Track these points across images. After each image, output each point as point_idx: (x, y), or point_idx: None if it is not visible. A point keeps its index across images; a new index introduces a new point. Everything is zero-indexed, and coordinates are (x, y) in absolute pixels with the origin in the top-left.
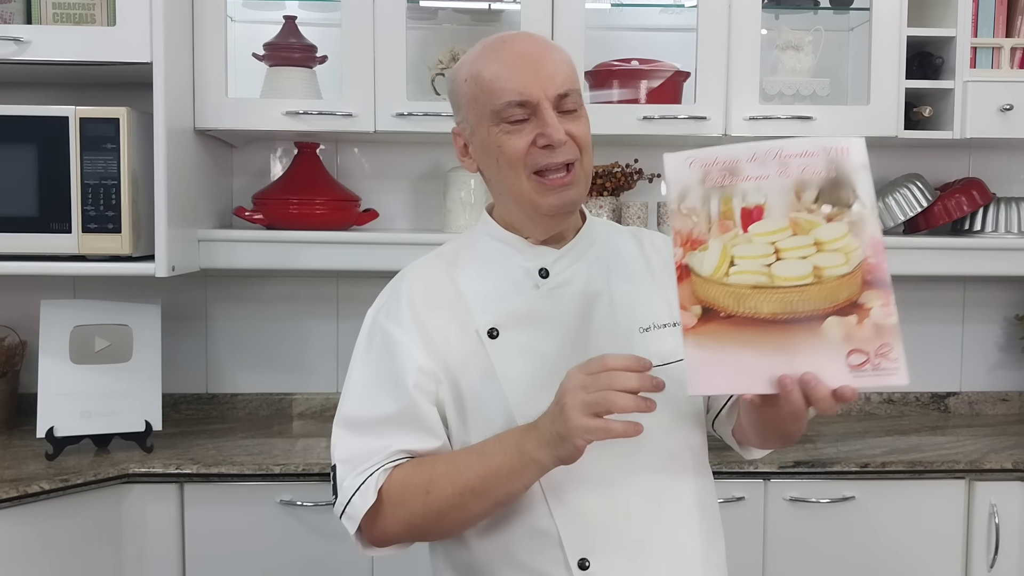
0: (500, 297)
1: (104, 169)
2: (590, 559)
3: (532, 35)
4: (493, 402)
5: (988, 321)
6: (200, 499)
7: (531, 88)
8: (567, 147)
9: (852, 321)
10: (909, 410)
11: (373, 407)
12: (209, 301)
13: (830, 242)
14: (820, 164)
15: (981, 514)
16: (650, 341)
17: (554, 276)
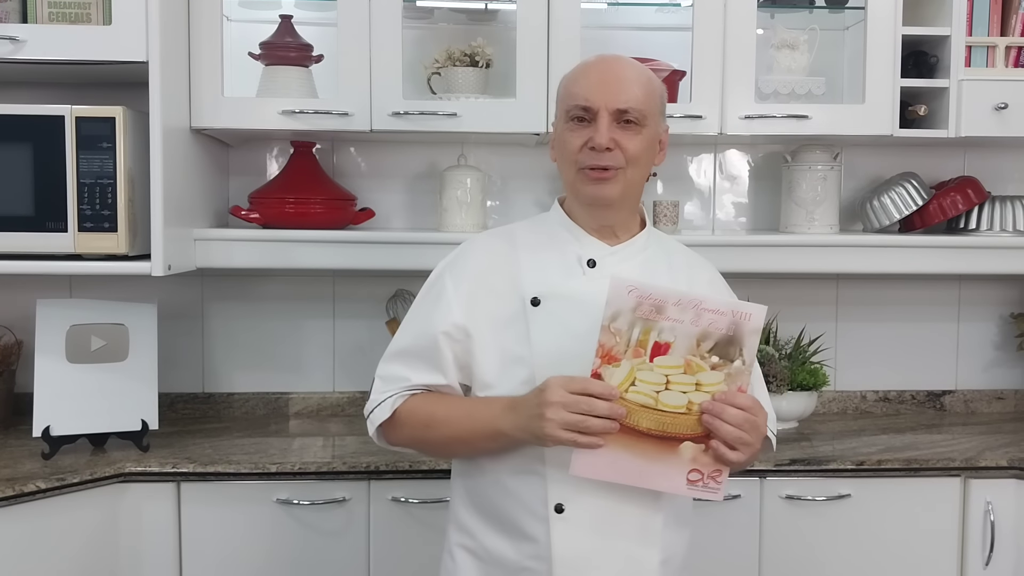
0: (550, 274)
1: (100, 168)
2: (566, 505)
3: (623, 59)
4: (521, 360)
5: (983, 319)
6: (197, 498)
7: (595, 98)
8: (613, 155)
9: (700, 448)
10: (905, 408)
11: (408, 339)
12: (205, 300)
13: (707, 385)
14: (724, 323)
15: (976, 511)
16: None
17: (600, 268)
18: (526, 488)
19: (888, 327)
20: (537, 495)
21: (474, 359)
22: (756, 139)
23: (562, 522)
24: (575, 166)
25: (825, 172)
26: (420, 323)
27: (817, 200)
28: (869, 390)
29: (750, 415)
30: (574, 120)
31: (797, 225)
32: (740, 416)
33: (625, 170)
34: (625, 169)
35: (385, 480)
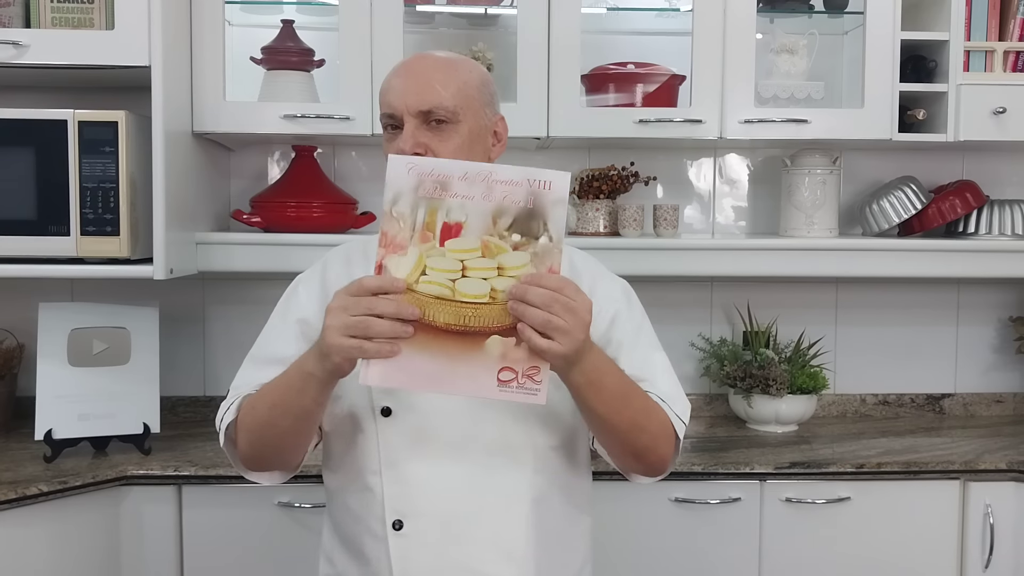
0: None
1: (103, 172)
2: (404, 521)
3: (428, 57)
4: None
5: (982, 323)
6: (198, 501)
7: (398, 103)
8: None
9: (511, 342)
10: (904, 411)
11: (261, 348)
12: (207, 304)
13: (511, 269)
14: (521, 194)
15: (976, 514)
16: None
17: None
18: (363, 506)
19: (887, 330)
20: (374, 513)
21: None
22: (755, 143)
23: (401, 539)
24: None
25: (824, 176)
26: (272, 330)
27: (816, 204)
28: (868, 393)
29: (560, 295)
30: (387, 129)
31: (796, 229)
32: (547, 296)
33: None
34: None
35: None
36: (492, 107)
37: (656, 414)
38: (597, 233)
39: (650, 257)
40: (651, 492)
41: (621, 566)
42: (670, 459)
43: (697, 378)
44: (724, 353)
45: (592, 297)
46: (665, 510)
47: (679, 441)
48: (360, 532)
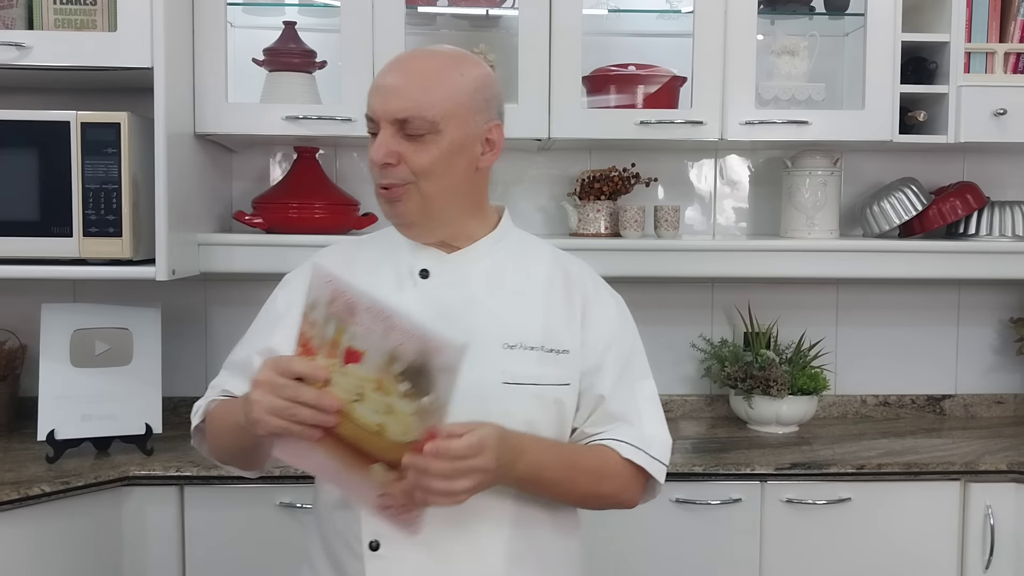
0: (380, 287)
1: (105, 173)
2: (381, 542)
3: (416, 57)
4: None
5: (983, 324)
6: (200, 502)
7: (376, 107)
8: (395, 171)
9: (392, 476)
10: (905, 412)
11: (236, 351)
12: (208, 304)
13: (398, 414)
14: (413, 348)
15: (976, 515)
16: (509, 359)
17: (435, 277)
18: (344, 523)
19: (888, 331)
20: (353, 531)
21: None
22: (756, 145)
23: (378, 560)
24: (375, 180)
25: (825, 177)
26: (251, 335)
27: (817, 205)
28: (869, 394)
29: (465, 463)
30: (370, 132)
31: (797, 230)
32: (449, 469)
33: (416, 185)
34: (416, 184)
35: None
36: (486, 113)
37: (613, 478)
38: (598, 234)
39: (651, 258)
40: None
41: (621, 566)
42: (639, 500)
43: (698, 379)
44: (725, 354)
45: (584, 320)
46: (665, 511)
47: (655, 481)
48: (340, 547)
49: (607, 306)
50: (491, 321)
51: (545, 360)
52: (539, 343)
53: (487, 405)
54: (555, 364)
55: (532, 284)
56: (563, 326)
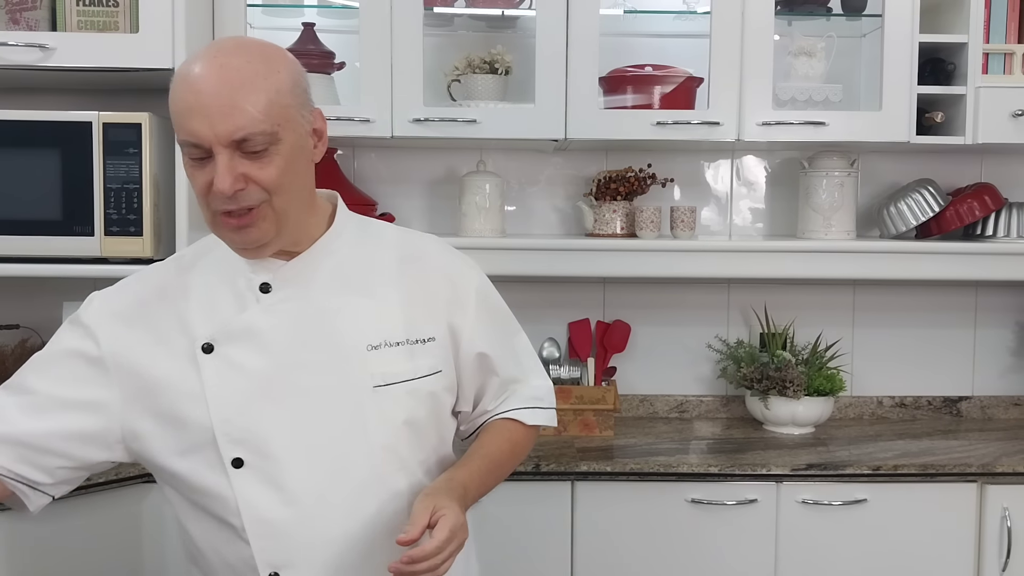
0: (220, 311)
1: (126, 173)
2: (281, 573)
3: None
4: (196, 418)
5: (1000, 326)
6: None
7: (202, 132)
8: (247, 192)
9: None
10: (921, 414)
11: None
12: None
13: None
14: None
15: (993, 517)
16: (375, 359)
17: (276, 291)
18: (238, 560)
19: (905, 333)
20: (248, 564)
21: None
22: (773, 145)
23: None
24: (209, 208)
25: (842, 178)
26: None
27: (834, 206)
28: (886, 395)
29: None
30: (190, 158)
31: (814, 231)
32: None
33: (271, 201)
34: (270, 200)
35: None
36: (307, 106)
37: (523, 447)
38: (614, 234)
39: (667, 259)
40: (667, 493)
41: (637, 566)
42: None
43: (714, 380)
44: (741, 355)
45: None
46: (681, 511)
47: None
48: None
49: (467, 278)
50: (348, 325)
51: (413, 352)
52: (403, 336)
53: (363, 412)
54: (423, 354)
55: (383, 275)
56: (423, 312)
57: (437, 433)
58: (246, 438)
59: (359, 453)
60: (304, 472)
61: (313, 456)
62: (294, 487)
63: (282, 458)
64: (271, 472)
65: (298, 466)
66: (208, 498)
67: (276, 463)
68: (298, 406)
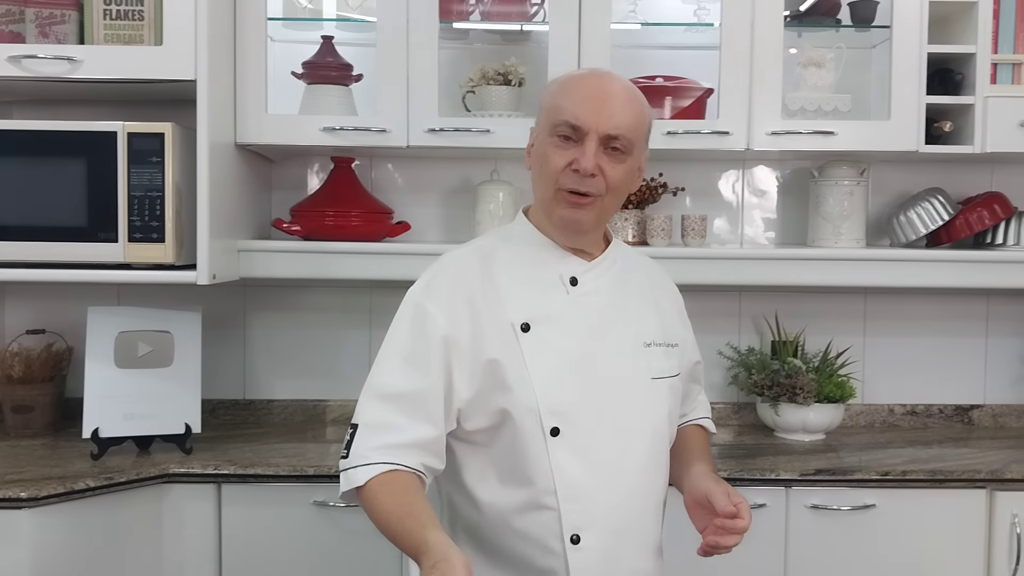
0: (534, 297)
1: (150, 181)
2: (582, 535)
3: (618, 80)
4: (523, 388)
5: (1012, 335)
6: (237, 499)
7: (587, 118)
8: (595, 181)
9: None
10: (933, 422)
11: (398, 382)
12: (248, 310)
13: None
14: None
15: (1003, 524)
16: (651, 355)
17: (583, 285)
18: (536, 525)
19: (916, 341)
20: (551, 530)
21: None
22: (784, 155)
23: (579, 552)
24: (554, 185)
25: (852, 187)
26: (408, 360)
27: (844, 215)
28: (897, 404)
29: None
30: (559, 137)
31: (824, 239)
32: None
33: (603, 197)
34: (603, 197)
35: None
36: (647, 146)
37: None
38: (626, 242)
39: (679, 265)
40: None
41: None
42: None
43: (725, 386)
44: (752, 362)
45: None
46: None
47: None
48: (529, 548)
49: (679, 295)
50: (630, 323)
51: (668, 354)
52: (663, 339)
53: (644, 398)
54: (673, 356)
55: (643, 285)
56: (669, 321)
57: (675, 426)
58: (562, 410)
59: (641, 432)
60: (604, 445)
61: (611, 432)
62: (597, 458)
63: (589, 431)
64: (580, 443)
65: (601, 439)
66: (523, 463)
67: (585, 435)
68: (598, 387)
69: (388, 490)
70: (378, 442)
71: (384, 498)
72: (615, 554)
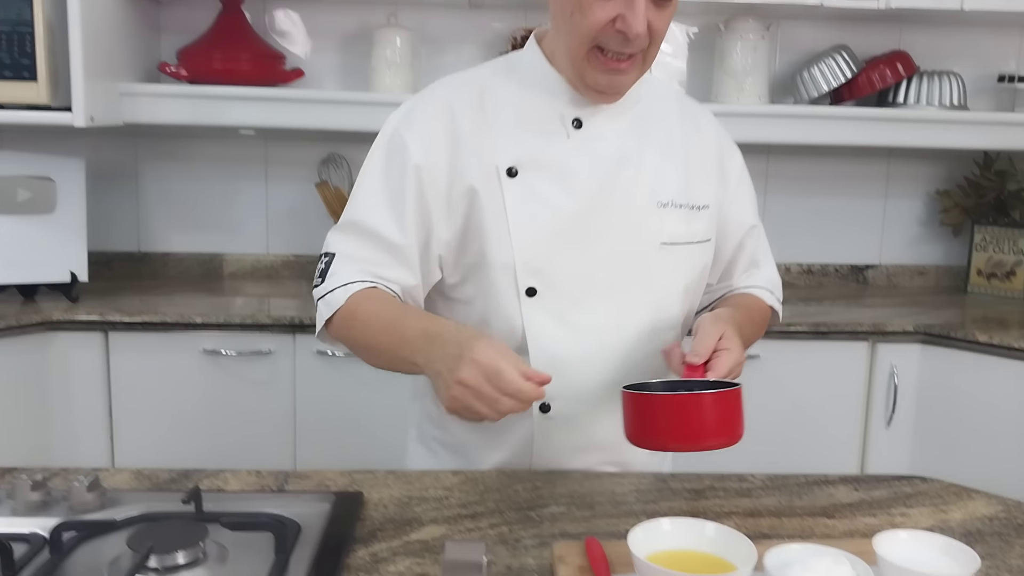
0: (528, 137)
1: (17, 15)
2: (552, 404)
3: None
4: (499, 239)
5: (910, 196)
6: (125, 347)
7: None
8: (640, 40)
9: None
10: (828, 281)
11: (376, 220)
12: (139, 160)
13: None
14: None
15: (882, 375)
16: (664, 218)
17: (588, 128)
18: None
19: (816, 201)
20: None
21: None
22: (689, 7)
23: (547, 421)
24: (590, 42)
25: (756, 42)
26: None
27: (747, 70)
28: (793, 263)
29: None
30: None
31: (727, 95)
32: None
33: (647, 51)
34: (648, 49)
35: (310, 334)
36: None
37: (763, 324)
38: None
39: None
40: None
41: None
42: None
43: None
44: None
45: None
46: None
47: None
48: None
49: (733, 149)
50: (644, 178)
51: (691, 217)
52: (685, 200)
53: (649, 266)
54: (699, 220)
55: (669, 134)
56: (699, 178)
57: (696, 300)
58: (543, 269)
59: (640, 304)
60: (590, 313)
61: (600, 300)
62: (578, 325)
63: (572, 296)
64: (560, 307)
65: (585, 306)
66: (496, 321)
67: (566, 299)
68: (592, 249)
69: (372, 298)
70: (359, 267)
71: (368, 305)
72: (587, 426)
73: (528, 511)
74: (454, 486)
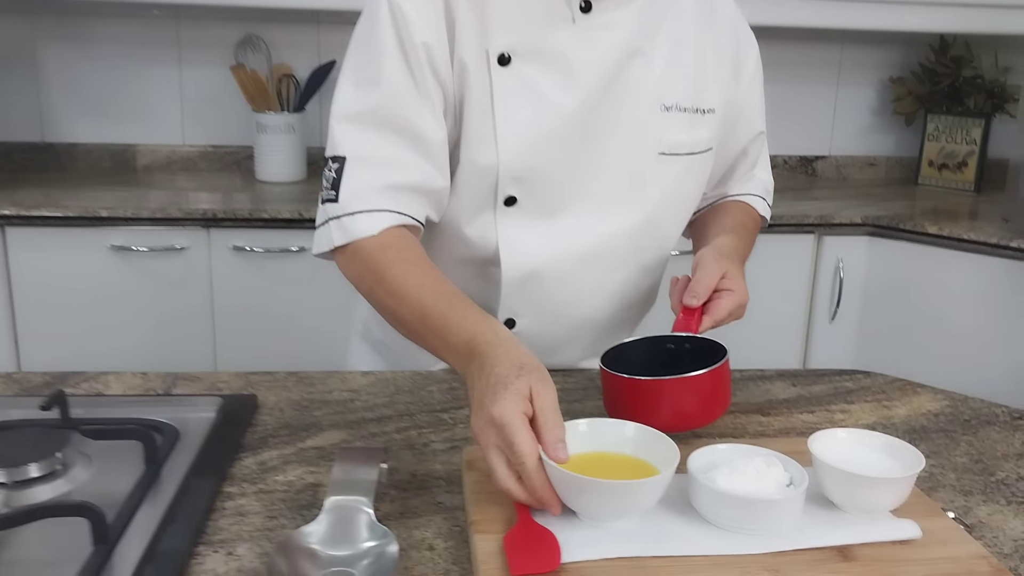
0: (526, 18)
1: None
2: (517, 320)
3: None
4: (480, 141)
5: (863, 83)
6: (24, 243)
7: None
8: None
9: None
10: (776, 173)
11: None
12: (38, 41)
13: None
14: None
15: (827, 267)
16: (667, 124)
17: (597, 14)
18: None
19: (764, 88)
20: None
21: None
22: None
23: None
24: None
25: None
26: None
27: None
28: None
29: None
30: None
31: None
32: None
33: None
34: None
35: (225, 228)
36: None
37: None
38: None
39: None
40: None
41: None
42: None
43: None
44: None
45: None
46: None
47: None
48: None
49: (750, 40)
50: (649, 75)
51: (694, 123)
52: (691, 103)
53: (643, 177)
54: (702, 126)
55: (683, 22)
56: (710, 78)
57: (688, 214)
58: (526, 177)
59: (627, 218)
60: (571, 225)
61: (585, 211)
62: (557, 237)
63: (554, 206)
64: (540, 218)
65: (567, 218)
66: (468, 228)
67: (547, 210)
68: (585, 156)
69: (404, 250)
70: (379, 180)
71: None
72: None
73: (441, 413)
74: (362, 388)
